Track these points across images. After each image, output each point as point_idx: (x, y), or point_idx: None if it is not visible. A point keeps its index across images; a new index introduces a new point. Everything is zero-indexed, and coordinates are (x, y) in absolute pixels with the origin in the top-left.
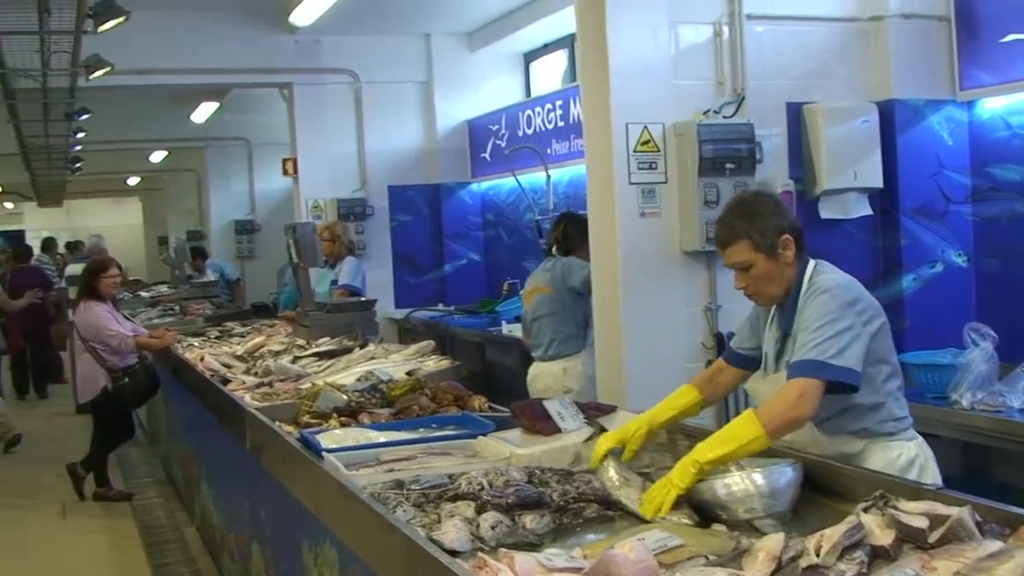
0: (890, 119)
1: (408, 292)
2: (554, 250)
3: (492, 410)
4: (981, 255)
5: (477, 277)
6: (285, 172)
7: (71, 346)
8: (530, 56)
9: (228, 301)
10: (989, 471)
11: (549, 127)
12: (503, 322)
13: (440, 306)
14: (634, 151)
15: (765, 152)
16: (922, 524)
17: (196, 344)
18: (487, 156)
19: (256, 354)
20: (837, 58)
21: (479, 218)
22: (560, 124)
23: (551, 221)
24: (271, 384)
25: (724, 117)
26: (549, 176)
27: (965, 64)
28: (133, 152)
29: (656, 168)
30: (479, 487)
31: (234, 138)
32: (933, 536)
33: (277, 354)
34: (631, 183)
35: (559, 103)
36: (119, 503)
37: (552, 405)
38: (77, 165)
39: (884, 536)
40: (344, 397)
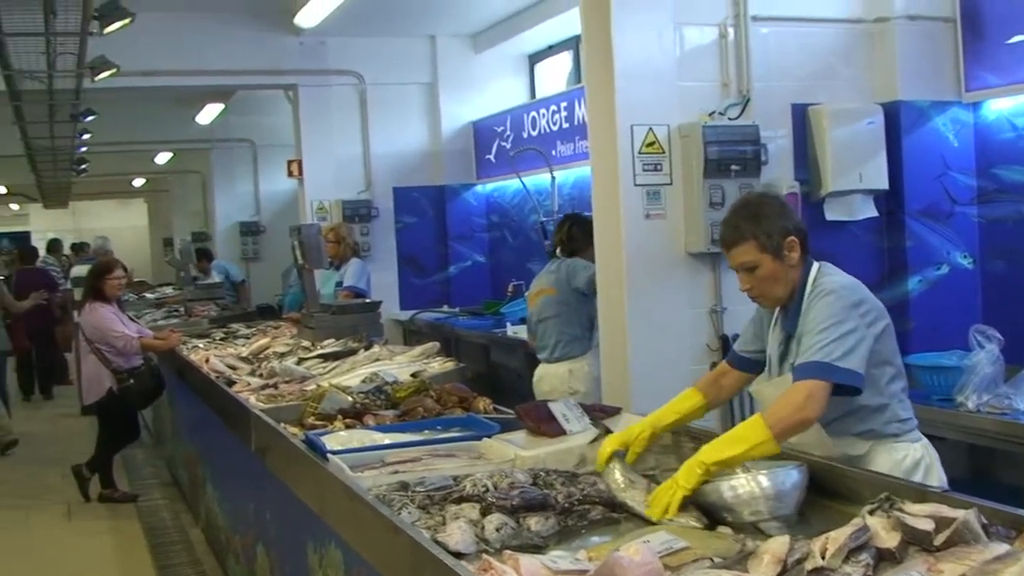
0: (896, 120)
1: (413, 294)
2: (558, 252)
3: (497, 412)
4: (987, 257)
5: (482, 279)
6: (290, 174)
7: (76, 347)
8: (535, 58)
9: (233, 303)
10: (995, 473)
11: (554, 128)
12: (508, 324)
13: (445, 308)
14: (639, 153)
15: (770, 154)
16: (928, 526)
17: (201, 346)
18: (492, 158)
19: (261, 356)
20: (842, 59)
21: (484, 220)
22: (565, 126)
23: (556, 223)
24: (276, 386)
25: (729, 119)
26: (554, 178)
27: (971, 65)
28: (138, 154)
29: (661, 170)
30: (484, 489)
31: (239, 140)
32: (939, 539)
33: (282, 356)
34: (636, 185)
35: (564, 105)
36: (124, 504)
37: (557, 407)
38: (82, 167)
39: (890, 538)
40: (349, 399)
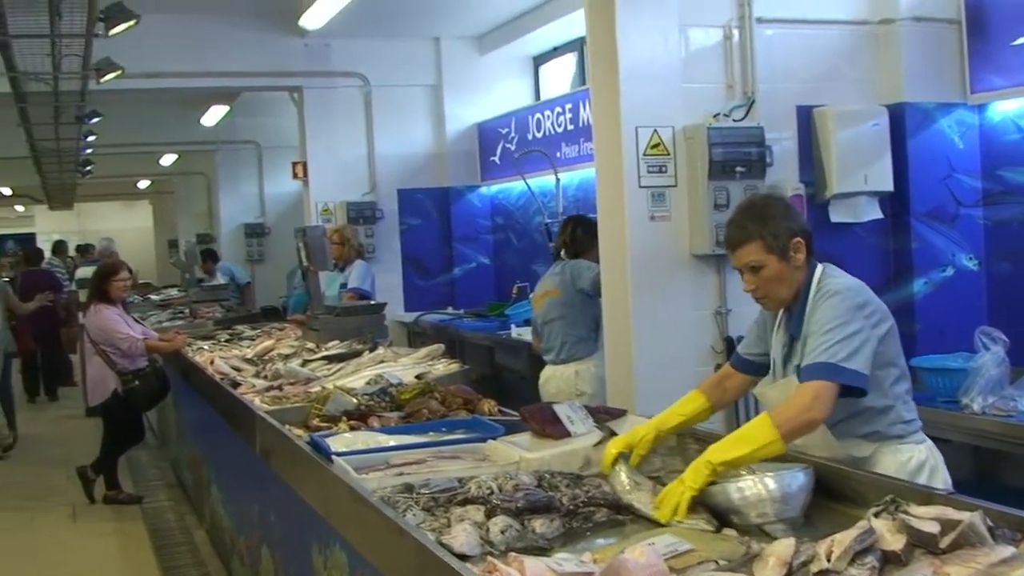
0: (901, 122)
1: (417, 295)
2: (563, 253)
3: (502, 414)
4: (992, 259)
5: (486, 280)
6: (295, 175)
7: (81, 349)
8: (540, 59)
9: (238, 304)
10: (1000, 476)
11: (559, 130)
12: (512, 325)
13: (449, 309)
14: (644, 154)
15: (775, 155)
16: (933, 529)
17: (206, 347)
18: (496, 159)
19: (266, 357)
20: (847, 61)
21: (488, 221)
22: (569, 127)
23: (560, 224)
24: (281, 387)
25: (734, 120)
26: (559, 179)
27: (976, 67)
28: (143, 155)
29: (666, 171)
30: (489, 491)
31: (244, 141)
32: (944, 541)
33: (287, 357)
34: (641, 186)
35: (568, 106)
36: (129, 506)
37: (562, 409)
38: (87, 168)
39: (895, 541)
40: (354, 400)
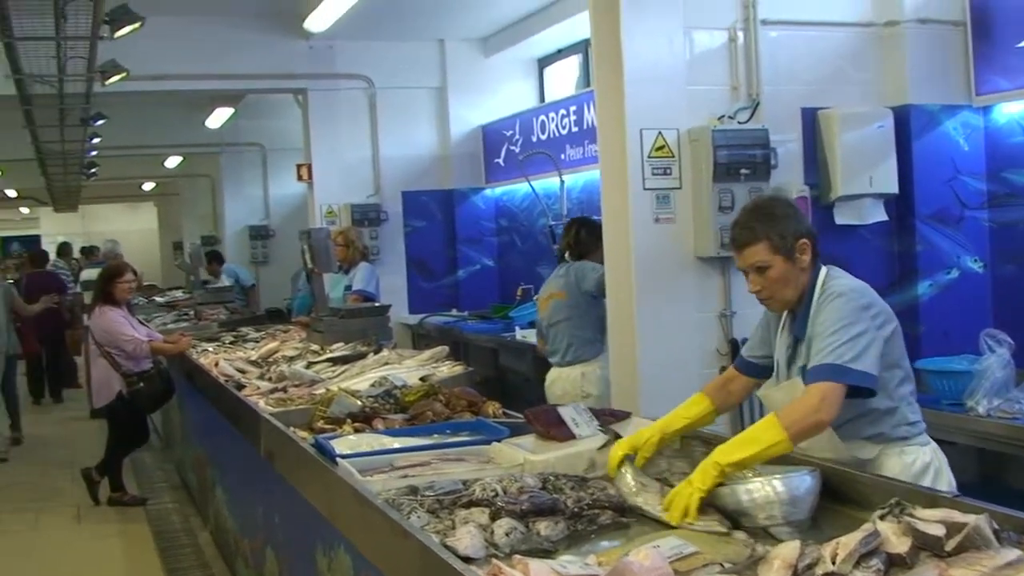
0: (906, 124)
1: (422, 297)
2: (567, 255)
3: (506, 416)
4: (997, 261)
5: (490, 282)
6: (299, 178)
7: (86, 351)
8: (544, 61)
9: (242, 306)
10: (1005, 478)
11: (563, 132)
12: (516, 327)
13: (453, 311)
14: (648, 157)
15: (780, 157)
16: (939, 532)
17: (211, 349)
18: (501, 161)
19: (270, 359)
20: (852, 63)
21: (493, 223)
22: (574, 129)
23: (564, 226)
24: (285, 389)
25: (739, 123)
26: (563, 181)
27: (981, 69)
28: (148, 157)
29: (670, 174)
30: (493, 493)
31: (249, 144)
32: (950, 544)
33: (291, 359)
34: (645, 189)
35: (573, 108)
36: (133, 508)
37: (566, 411)
38: (92, 170)
39: (900, 544)
40: (358, 403)
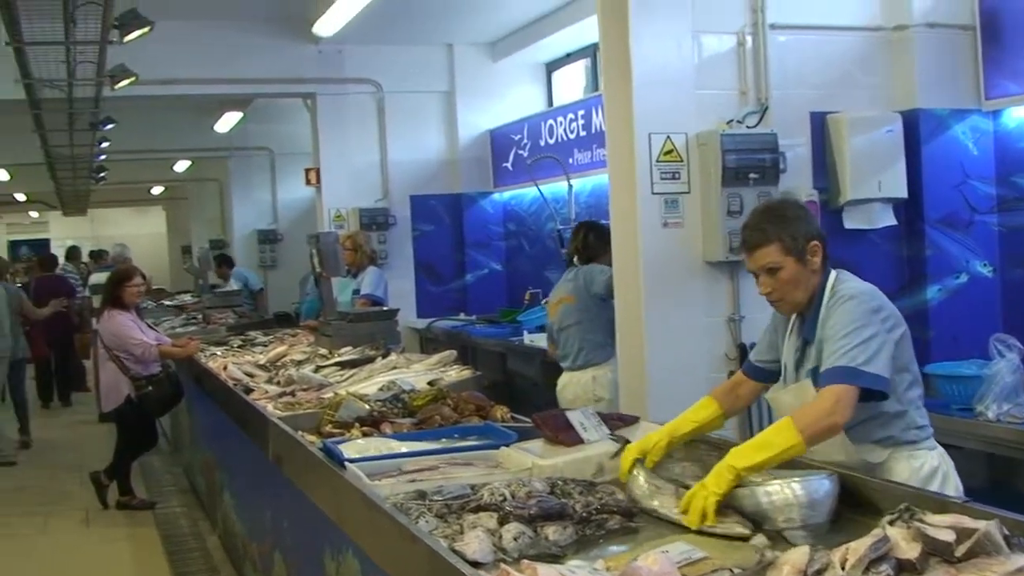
0: (915, 129)
1: (430, 301)
2: (575, 260)
3: (514, 420)
4: (1007, 265)
5: (498, 286)
6: (308, 182)
7: (95, 355)
8: (552, 66)
9: (251, 310)
10: (1015, 483)
11: (571, 136)
12: (525, 331)
13: (461, 315)
14: (657, 161)
15: (789, 162)
16: (949, 537)
17: (219, 353)
18: (509, 166)
19: (278, 363)
20: (861, 67)
21: (501, 228)
22: (582, 134)
23: (572, 230)
24: (293, 393)
25: (747, 127)
26: (571, 186)
27: (990, 73)
28: (157, 161)
29: (679, 178)
30: (501, 498)
31: (257, 148)
32: (960, 550)
33: (299, 363)
34: (654, 193)
35: (581, 113)
36: (142, 511)
37: (574, 415)
38: (101, 174)
39: (910, 549)
40: (366, 407)
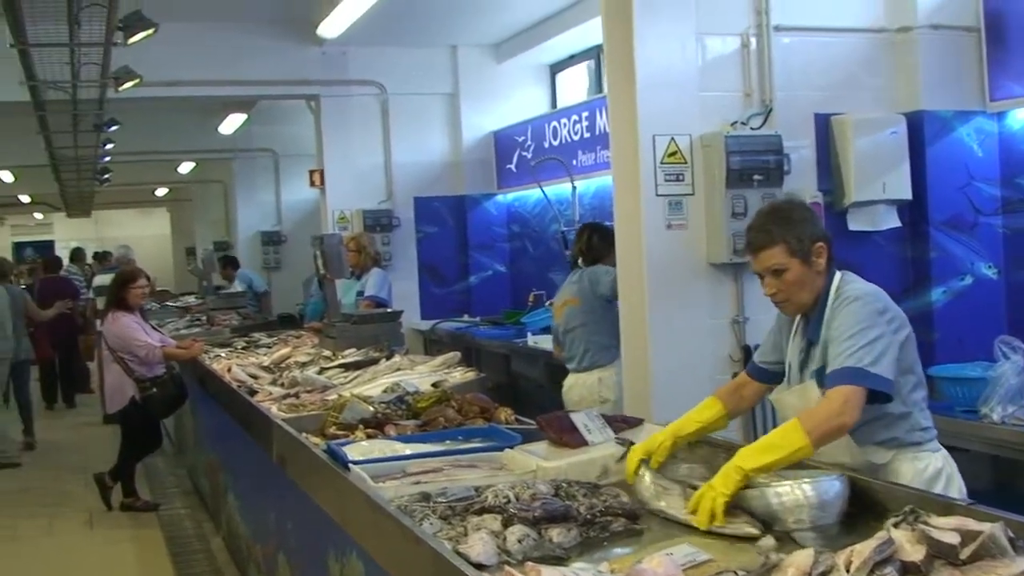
0: (919, 130)
1: (433, 303)
2: (580, 261)
3: (518, 422)
4: (1011, 267)
5: (502, 288)
6: (312, 183)
7: (99, 356)
8: (556, 67)
9: (255, 312)
10: (1019, 485)
11: (575, 138)
12: (528, 333)
13: (465, 317)
14: (661, 163)
15: (793, 163)
16: (953, 540)
17: (223, 355)
18: (513, 167)
19: (282, 365)
20: (865, 69)
21: (504, 229)
22: (586, 135)
23: (576, 232)
24: (297, 395)
25: (752, 128)
26: (575, 187)
27: (995, 75)
28: (161, 163)
29: (683, 180)
30: (506, 500)
31: (261, 149)
32: (965, 552)
33: (303, 365)
34: (658, 195)
35: (585, 114)
36: (146, 513)
37: (579, 418)
38: (106, 176)
39: (915, 552)
40: (370, 409)
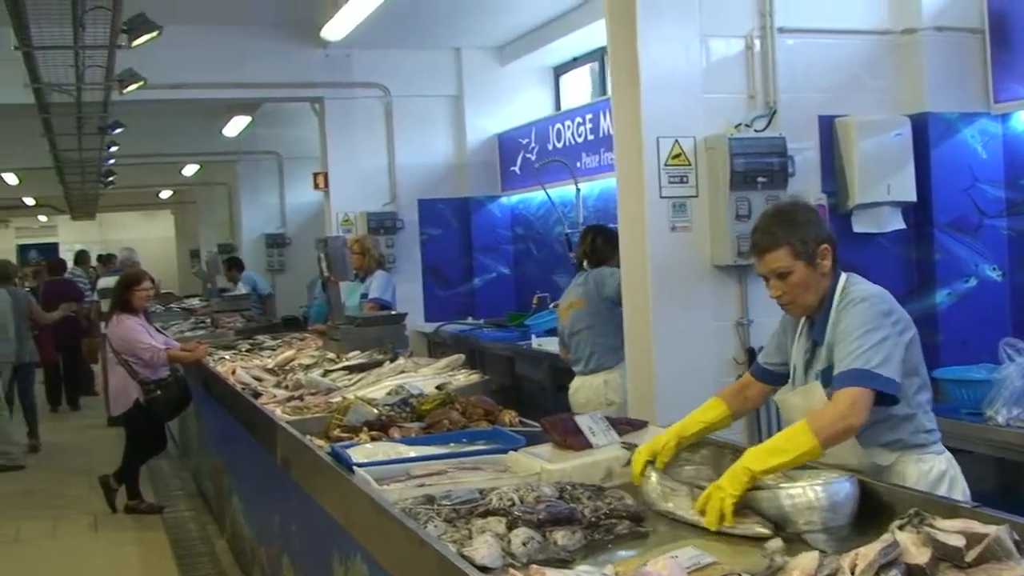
0: (923, 132)
1: (438, 305)
2: (585, 264)
3: (522, 425)
4: (1016, 269)
5: (506, 290)
6: (316, 186)
7: (103, 359)
8: (560, 70)
9: (259, 314)
10: None
11: (579, 140)
12: (532, 336)
13: (469, 319)
14: (665, 165)
15: (797, 166)
16: (959, 542)
17: (227, 357)
18: (517, 170)
19: (287, 367)
20: (870, 71)
21: (509, 231)
22: (590, 137)
23: (580, 234)
24: (302, 398)
25: (756, 131)
26: (579, 190)
27: (999, 76)
28: (165, 166)
29: (687, 182)
30: (510, 502)
31: (265, 152)
32: (970, 555)
33: (308, 367)
34: (662, 197)
35: (589, 116)
36: (150, 516)
37: (583, 420)
38: (110, 179)
39: (920, 554)
40: (374, 411)
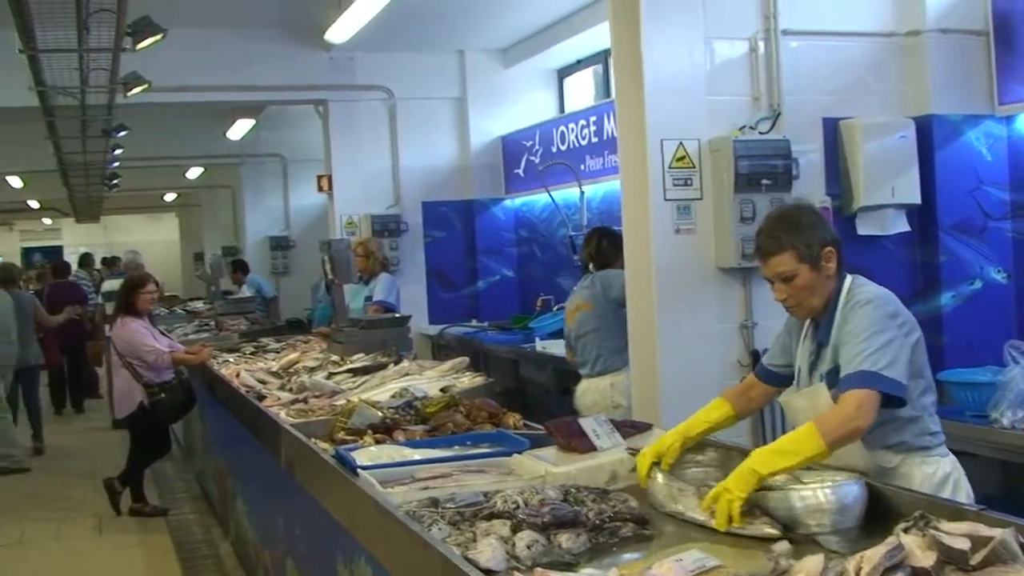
0: (928, 134)
1: (442, 308)
2: (590, 267)
3: (527, 427)
4: (1021, 272)
5: (510, 293)
6: (320, 188)
7: (108, 362)
8: (564, 72)
9: (263, 317)
10: None
11: (583, 143)
12: (537, 338)
13: (473, 322)
14: (669, 167)
15: (801, 168)
16: (964, 546)
17: (231, 360)
18: (521, 172)
19: (291, 370)
20: (874, 73)
21: (513, 234)
22: (594, 140)
23: (584, 237)
24: (306, 400)
25: (760, 133)
26: (583, 192)
27: (1004, 79)
28: (169, 168)
29: (691, 184)
30: (514, 505)
31: (269, 155)
32: (975, 558)
33: (312, 370)
34: (666, 199)
35: (593, 119)
36: (155, 518)
37: (587, 423)
38: (114, 181)
39: (925, 557)
40: (379, 414)
